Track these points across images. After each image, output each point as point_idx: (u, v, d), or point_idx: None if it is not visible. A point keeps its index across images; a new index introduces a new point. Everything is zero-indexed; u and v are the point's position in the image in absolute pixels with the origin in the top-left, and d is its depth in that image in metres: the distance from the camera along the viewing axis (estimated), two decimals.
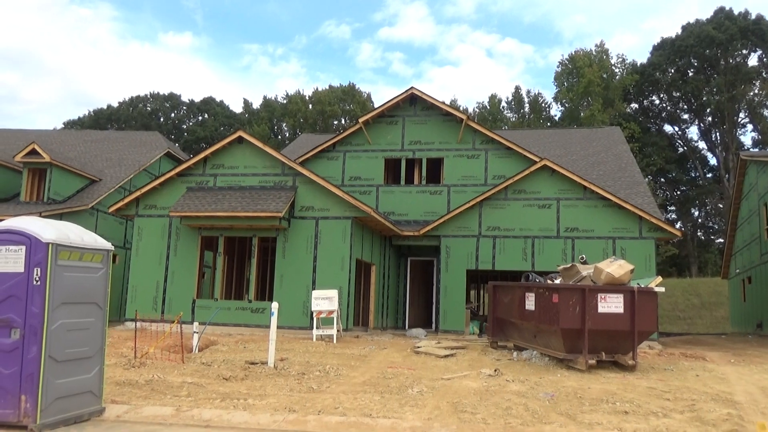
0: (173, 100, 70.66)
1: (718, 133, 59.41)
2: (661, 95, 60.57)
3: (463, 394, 8.84)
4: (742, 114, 58.64)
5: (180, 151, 32.11)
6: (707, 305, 40.99)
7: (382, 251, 21.36)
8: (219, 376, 9.99)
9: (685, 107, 60.24)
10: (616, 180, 23.41)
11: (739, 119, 58.80)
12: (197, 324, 13.52)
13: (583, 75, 56.48)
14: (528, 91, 67.00)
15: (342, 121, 65.07)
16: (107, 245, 7.42)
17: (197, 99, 70.98)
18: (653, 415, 7.54)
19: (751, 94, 56.78)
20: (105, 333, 7.34)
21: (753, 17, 55.57)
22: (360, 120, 23.32)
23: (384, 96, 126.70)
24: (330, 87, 67.69)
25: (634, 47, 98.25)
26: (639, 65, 60.14)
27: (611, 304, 11.58)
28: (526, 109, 66.59)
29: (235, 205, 17.62)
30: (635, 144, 52.46)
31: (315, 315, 16.09)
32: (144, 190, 18.91)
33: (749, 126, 59.27)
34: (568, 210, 20.04)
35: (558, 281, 13.28)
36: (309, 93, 67.86)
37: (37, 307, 6.43)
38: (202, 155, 19.00)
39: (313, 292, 16.47)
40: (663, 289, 12.31)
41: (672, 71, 58.21)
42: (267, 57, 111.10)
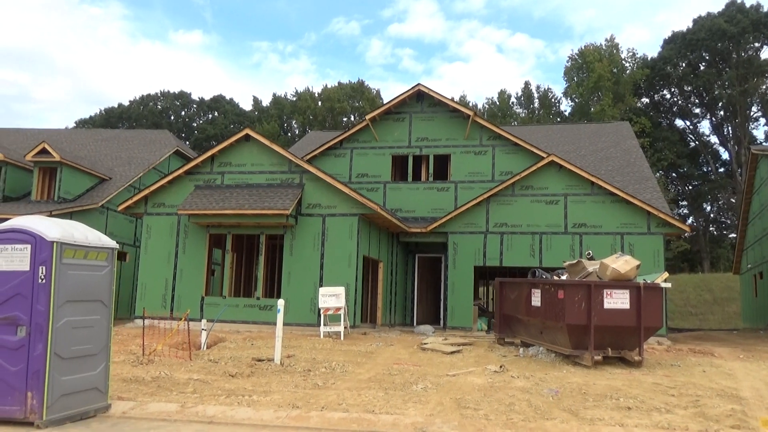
0: (183, 98, 71.03)
1: (730, 127, 58.86)
2: (673, 89, 60.07)
3: (467, 390, 8.86)
4: (754, 108, 58.11)
5: (189, 149, 32.27)
6: (719, 301, 40.66)
7: (389, 248, 21.38)
8: (225, 372, 10.07)
9: (697, 101, 59.70)
10: (624, 175, 23.29)
11: (752, 113, 58.26)
12: (205, 321, 13.63)
13: (593, 70, 56.15)
14: (537, 87, 66.79)
15: (351, 118, 65.10)
16: (112, 243, 7.50)
17: (207, 97, 71.38)
18: (656, 411, 7.52)
19: (764, 87, 56.23)
20: (110, 330, 7.42)
21: (765, 10, 54.92)
22: (367, 117, 23.35)
23: (394, 92, 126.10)
24: (339, 84, 67.78)
25: (645, 41, 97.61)
26: (650, 59, 59.69)
27: (617, 300, 11.55)
28: (535, 105, 66.32)
29: (243, 203, 17.70)
30: (646, 139, 52.08)
31: (322, 312, 16.14)
32: (152, 188, 19.02)
33: (762, 120, 58.84)
34: (575, 205, 19.97)
35: (564, 277, 13.26)
36: (318, 90, 68.06)
37: (43, 305, 6.52)
38: (209, 153, 19.10)
39: (320, 289, 16.52)
40: (669, 285, 12.25)
41: (683, 65, 57.71)
42: (277, 54, 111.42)
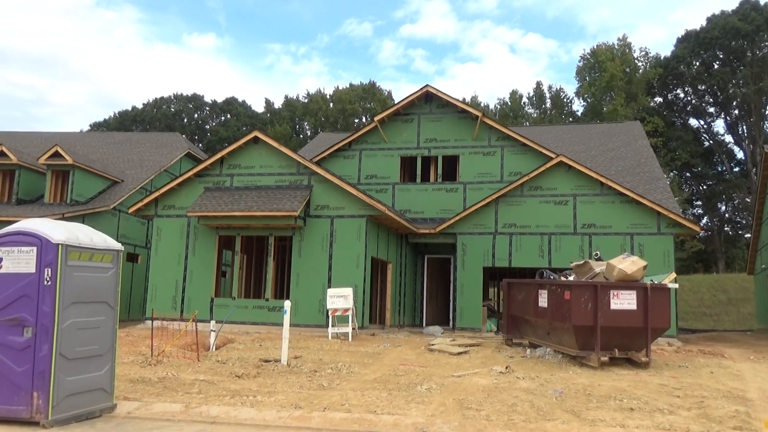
0: (196, 100, 71.55)
1: (744, 126, 58.19)
2: (686, 88, 59.51)
3: (471, 391, 8.87)
4: None
5: (200, 152, 32.49)
6: (734, 301, 40.21)
7: (398, 249, 21.41)
8: (232, 373, 10.15)
9: (711, 100, 59.08)
10: (635, 175, 23.15)
11: (767, 111, 57.55)
12: (214, 322, 13.75)
13: (605, 69, 55.80)
14: (549, 87, 66.49)
15: (363, 119, 65.19)
16: (117, 245, 7.60)
17: (220, 99, 71.86)
18: (659, 412, 7.49)
19: None
20: (116, 331, 7.52)
21: None
22: (376, 118, 23.40)
23: (406, 93, 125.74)
24: (351, 85, 67.89)
25: (658, 40, 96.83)
26: (663, 58, 59.20)
27: (624, 300, 11.51)
28: (547, 105, 66.04)
29: (251, 205, 17.81)
30: (659, 138, 51.64)
31: (330, 313, 16.20)
32: (162, 190, 19.20)
33: None
34: (585, 206, 19.88)
35: (571, 278, 13.23)
36: (330, 92, 68.26)
37: (48, 307, 6.63)
38: (218, 155, 19.24)
39: (328, 290, 16.59)
40: (676, 286, 12.18)
41: (697, 64, 57.17)
42: (290, 56, 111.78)
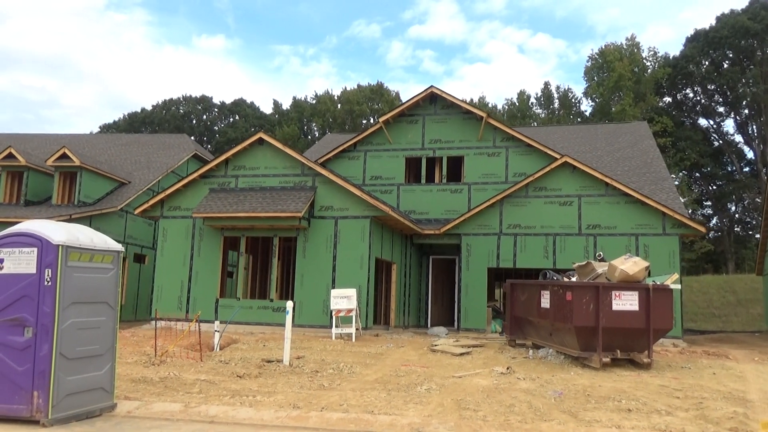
0: (205, 102, 71.93)
1: (754, 126, 57.80)
2: (695, 88, 59.17)
3: (471, 391, 8.88)
4: None
5: (207, 153, 32.66)
6: (743, 302, 39.93)
7: (403, 250, 21.44)
8: (233, 373, 10.21)
9: (720, 100, 58.71)
10: (641, 176, 23.06)
11: None
12: (218, 323, 13.84)
13: (614, 69, 55.57)
14: (558, 87, 66.29)
15: (371, 120, 65.27)
16: (117, 246, 7.68)
17: (228, 101, 72.18)
18: (656, 413, 7.48)
19: None
20: (116, 331, 7.60)
21: None
22: (380, 119, 23.46)
23: (414, 94, 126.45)
24: (359, 86, 67.99)
25: (667, 40, 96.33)
26: (672, 58, 58.90)
27: (626, 301, 11.49)
28: (555, 105, 65.85)
29: (256, 206, 17.90)
30: (668, 138, 51.37)
31: (334, 314, 16.27)
32: (168, 192, 19.32)
33: None
34: (589, 207, 19.83)
35: (574, 279, 13.21)
36: (338, 93, 68.37)
37: (49, 307, 6.71)
38: (223, 157, 19.35)
39: (332, 291, 16.65)
40: (679, 286, 12.16)
41: (706, 63, 56.86)
42: (298, 57, 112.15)
